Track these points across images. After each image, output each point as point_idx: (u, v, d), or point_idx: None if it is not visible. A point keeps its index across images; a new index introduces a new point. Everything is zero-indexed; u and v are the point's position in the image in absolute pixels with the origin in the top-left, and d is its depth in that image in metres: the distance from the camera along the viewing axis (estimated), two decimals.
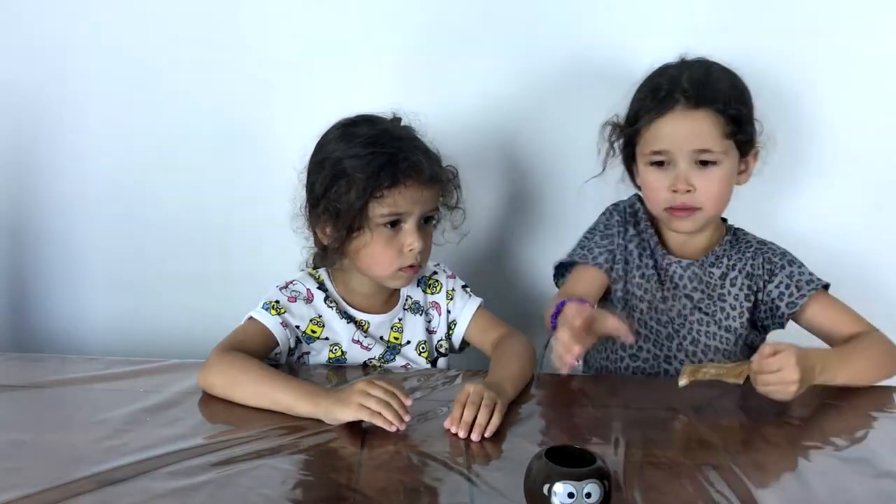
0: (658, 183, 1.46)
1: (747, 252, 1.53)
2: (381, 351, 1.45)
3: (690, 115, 1.42)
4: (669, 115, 1.43)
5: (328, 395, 1.21)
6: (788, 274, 1.50)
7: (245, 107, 1.79)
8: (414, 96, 1.49)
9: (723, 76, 1.46)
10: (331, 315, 1.44)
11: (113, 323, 1.90)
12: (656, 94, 1.44)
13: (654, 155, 1.45)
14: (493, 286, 1.74)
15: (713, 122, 1.42)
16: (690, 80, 1.43)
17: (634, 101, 1.49)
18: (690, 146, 1.42)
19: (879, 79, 1.74)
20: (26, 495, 0.98)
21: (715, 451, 1.15)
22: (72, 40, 1.77)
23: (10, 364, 1.42)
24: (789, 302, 1.49)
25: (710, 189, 1.44)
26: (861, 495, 1.07)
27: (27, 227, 1.87)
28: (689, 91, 1.42)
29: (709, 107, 1.42)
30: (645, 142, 1.46)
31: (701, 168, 1.43)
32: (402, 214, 1.37)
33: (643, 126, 1.45)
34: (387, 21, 1.75)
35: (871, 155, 1.77)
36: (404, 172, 1.34)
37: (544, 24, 1.74)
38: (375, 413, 1.16)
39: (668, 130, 1.43)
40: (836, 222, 1.80)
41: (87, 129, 1.81)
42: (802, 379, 1.26)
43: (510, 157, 1.84)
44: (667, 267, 1.53)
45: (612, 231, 1.55)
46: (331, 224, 1.38)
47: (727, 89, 1.44)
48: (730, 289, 1.52)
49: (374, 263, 1.40)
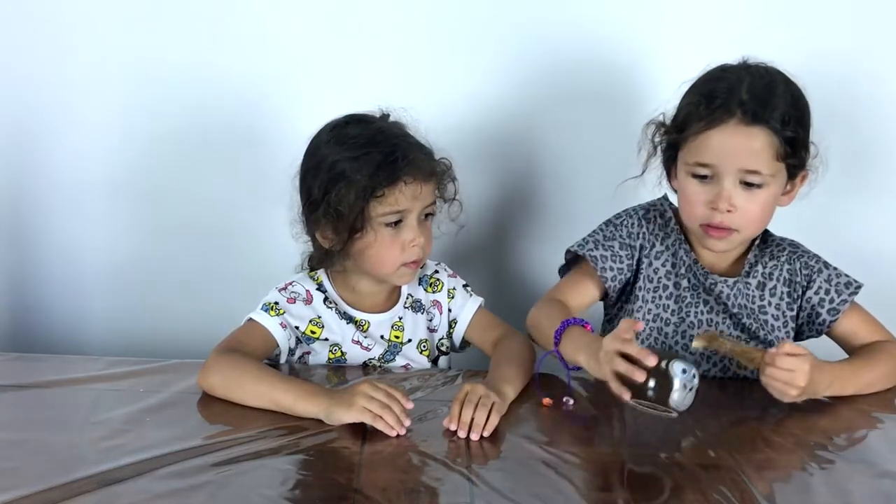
0: (698, 197, 1.35)
1: (781, 256, 1.45)
2: (381, 351, 1.45)
3: (744, 132, 1.30)
4: (722, 127, 1.31)
5: (329, 396, 1.21)
6: (826, 278, 1.43)
7: (245, 107, 1.79)
8: (414, 94, 1.49)
9: (785, 92, 1.34)
10: (330, 316, 1.44)
11: (113, 323, 1.90)
12: (711, 103, 1.32)
13: (698, 167, 1.34)
14: (492, 285, 1.75)
15: (767, 143, 1.31)
16: (750, 91, 1.31)
17: (685, 104, 1.38)
18: (739, 165, 1.31)
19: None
20: (26, 495, 0.98)
21: (715, 451, 1.15)
22: (72, 41, 1.77)
23: (10, 364, 1.41)
24: (831, 308, 1.43)
25: (752, 211, 1.34)
26: (861, 495, 1.06)
27: (27, 228, 1.87)
28: (748, 104, 1.30)
29: (765, 125, 1.30)
30: (690, 151, 1.35)
31: (746, 188, 1.33)
32: (404, 212, 1.37)
33: (691, 134, 1.34)
34: (387, 20, 1.75)
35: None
36: (403, 170, 1.34)
37: (545, 21, 1.75)
38: (378, 417, 1.16)
39: (718, 144, 1.31)
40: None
41: (87, 130, 1.81)
42: (807, 389, 1.25)
43: (510, 154, 1.84)
44: (711, 287, 1.43)
45: (634, 243, 1.46)
46: (331, 227, 1.38)
47: (788, 108, 1.32)
48: (769, 299, 1.44)
49: (379, 262, 1.40)
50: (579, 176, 1.80)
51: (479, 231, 1.81)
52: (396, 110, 1.43)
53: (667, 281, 1.46)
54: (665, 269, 1.46)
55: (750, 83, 1.33)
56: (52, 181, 1.84)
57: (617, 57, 1.71)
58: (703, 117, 1.32)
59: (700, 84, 1.38)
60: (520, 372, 1.35)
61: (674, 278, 1.46)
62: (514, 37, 1.76)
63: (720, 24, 1.72)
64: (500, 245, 1.89)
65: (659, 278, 1.46)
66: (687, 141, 1.35)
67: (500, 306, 1.58)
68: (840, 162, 1.47)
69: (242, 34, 1.76)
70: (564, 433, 1.20)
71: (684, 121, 1.36)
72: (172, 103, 1.80)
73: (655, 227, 1.47)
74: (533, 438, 1.17)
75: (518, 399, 1.29)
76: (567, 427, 1.22)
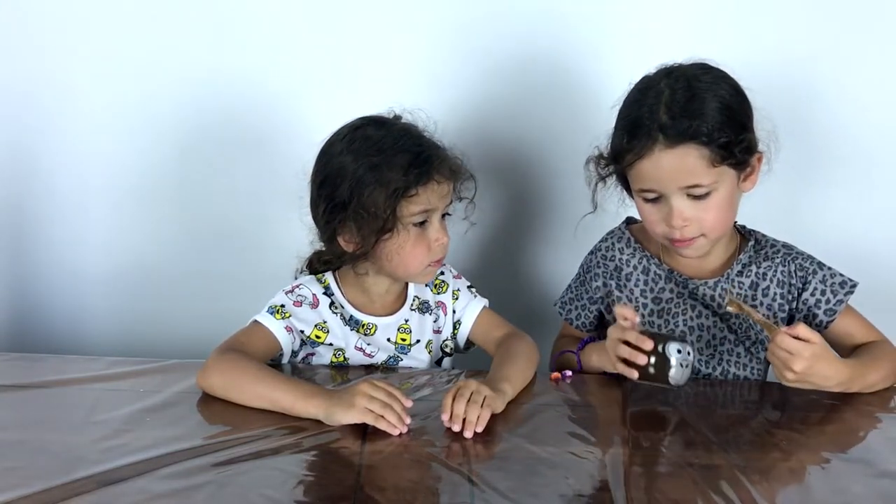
0: (653, 217, 1.37)
1: (776, 258, 1.45)
2: (384, 357, 1.45)
3: (672, 154, 1.30)
4: (649, 155, 1.31)
5: (328, 397, 1.21)
6: (822, 279, 1.43)
7: (246, 107, 1.79)
8: (423, 95, 1.49)
9: (709, 96, 1.31)
10: (335, 322, 1.44)
11: (113, 323, 1.90)
12: (633, 135, 1.32)
13: (643, 193, 1.36)
14: (499, 286, 1.74)
15: (697, 156, 1.29)
16: (670, 109, 1.30)
17: (614, 137, 1.38)
18: (678, 184, 1.31)
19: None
20: (26, 495, 0.98)
21: (715, 451, 1.15)
22: (72, 41, 1.77)
23: (10, 364, 1.42)
24: (827, 309, 1.43)
25: (708, 219, 1.34)
26: (861, 495, 1.06)
27: (27, 228, 1.87)
28: (669, 127, 1.29)
29: (691, 141, 1.29)
30: (632, 178, 1.37)
31: (694, 200, 1.33)
32: (430, 211, 1.38)
33: (626, 166, 1.35)
34: (394, 22, 1.75)
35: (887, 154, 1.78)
36: (435, 168, 1.36)
37: (553, 22, 1.75)
38: (379, 417, 1.16)
39: (652, 171, 1.32)
40: (854, 223, 1.81)
41: (87, 130, 1.81)
42: (814, 379, 1.27)
43: (518, 158, 1.84)
44: (694, 291, 1.45)
45: (595, 284, 1.52)
46: (357, 230, 1.36)
47: (714, 114, 1.29)
48: (762, 299, 1.44)
49: (407, 262, 1.39)
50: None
51: (487, 235, 1.81)
52: (414, 111, 1.43)
53: (643, 298, 1.48)
54: (639, 288, 1.49)
55: (669, 100, 1.31)
56: (52, 181, 1.84)
57: (629, 57, 1.71)
58: (629, 149, 1.33)
59: (622, 112, 1.38)
60: (521, 371, 1.35)
61: (651, 294, 1.48)
62: (527, 37, 1.76)
63: (727, 26, 1.73)
64: (509, 246, 1.89)
65: (636, 298, 1.49)
66: (625, 171, 1.37)
67: (508, 310, 1.58)
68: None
69: (245, 35, 1.77)
70: (564, 433, 1.20)
71: (615, 153, 1.37)
72: (172, 105, 1.80)
73: (617, 253, 1.51)
74: (533, 438, 1.17)
75: (518, 399, 1.29)
76: (567, 427, 1.22)
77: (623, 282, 1.50)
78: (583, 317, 1.55)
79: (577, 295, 1.56)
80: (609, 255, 1.52)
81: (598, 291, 1.52)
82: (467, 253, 1.69)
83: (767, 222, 1.53)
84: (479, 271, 1.79)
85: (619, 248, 1.51)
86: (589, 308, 1.54)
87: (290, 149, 1.43)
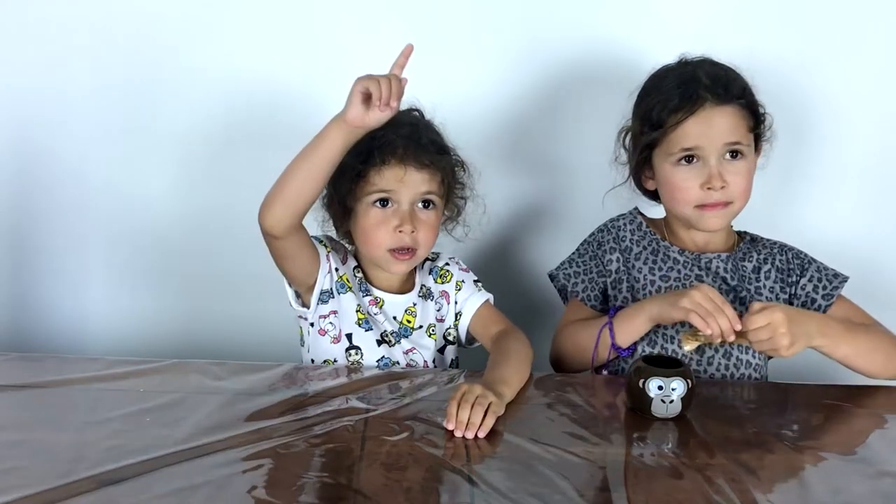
0: (688, 182, 1.44)
1: (773, 249, 1.54)
2: (389, 329, 1.48)
3: (720, 111, 1.43)
4: (700, 112, 1.42)
5: (338, 114, 1.29)
6: (816, 269, 1.52)
7: (245, 106, 1.79)
8: (431, 90, 1.48)
9: (734, 73, 1.47)
10: (354, 282, 1.49)
11: (113, 323, 1.90)
12: (684, 94, 1.43)
13: (683, 152, 1.44)
14: (503, 281, 1.74)
15: (741, 116, 1.44)
16: (710, 77, 1.44)
17: (655, 103, 1.46)
18: (723, 140, 1.43)
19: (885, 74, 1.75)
20: (26, 495, 0.98)
21: (715, 451, 1.15)
22: (73, 41, 1.77)
23: (10, 364, 1.42)
24: (825, 294, 1.49)
25: (741, 182, 1.44)
26: (861, 495, 1.07)
27: (27, 228, 1.87)
28: (713, 88, 1.43)
29: (733, 101, 1.43)
30: (671, 142, 1.44)
31: (731, 161, 1.44)
32: (390, 192, 1.42)
33: (671, 127, 1.43)
34: (397, 14, 1.75)
35: (873, 154, 1.78)
36: (379, 150, 1.40)
37: (562, 17, 1.75)
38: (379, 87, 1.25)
39: (700, 128, 1.42)
40: (840, 223, 1.81)
41: (87, 130, 1.81)
42: (797, 337, 1.30)
43: (524, 153, 1.84)
44: (707, 265, 1.50)
45: (608, 257, 1.53)
46: (335, 211, 1.47)
47: (744, 84, 1.46)
48: (764, 282, 1.51)
49: (367, 242, 1.45)
50: (592, 175, 1.79)
51: (491, 230, 1.81)
52: (413, 102, 1.46)
53: (652, 276, 1.51)
54: (647, 266, 1.52)
55: (705, 71, 1.45)
56: (52, 182, 1.84)
57: (637, 51, 1.71)
58: (680, 108, 1.43)
59: (658, 83, 1.49)
60: (517, 372, 1.35)
61: (659, 273, 1.51)
62: (535, 32, 1.76)
63: (729, 24, 1.74)
64: (513, 244, 1.89)
65: (644, 276, 1.51)
66: (667, 134, 1.44)
67: (511, 306, 1.59)
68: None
69: (243, 33, 1.77)
70: (564, 433, 1.20)
71: (659, 117, 1.45)
72: (172, 104, 1.80)
73: (629, 234, 1.55)
74: (533, 438, 1.17)
75: (518, 399, 1.30)
76: (567, 427, 1.22)
77: (632, 262, 1.53)
78: (589, 289, 1.54)
79: (587, 269, 1.55)
80: (621, 235, 1.55)
81: (611, 265, 1.53)
82: (466, 245, 1.69)
83: (767, 221, 1.54)
84: (485, 267, 1.78)
85: (630, 228, 1.56)
86: (597, 281, 1.54)
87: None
